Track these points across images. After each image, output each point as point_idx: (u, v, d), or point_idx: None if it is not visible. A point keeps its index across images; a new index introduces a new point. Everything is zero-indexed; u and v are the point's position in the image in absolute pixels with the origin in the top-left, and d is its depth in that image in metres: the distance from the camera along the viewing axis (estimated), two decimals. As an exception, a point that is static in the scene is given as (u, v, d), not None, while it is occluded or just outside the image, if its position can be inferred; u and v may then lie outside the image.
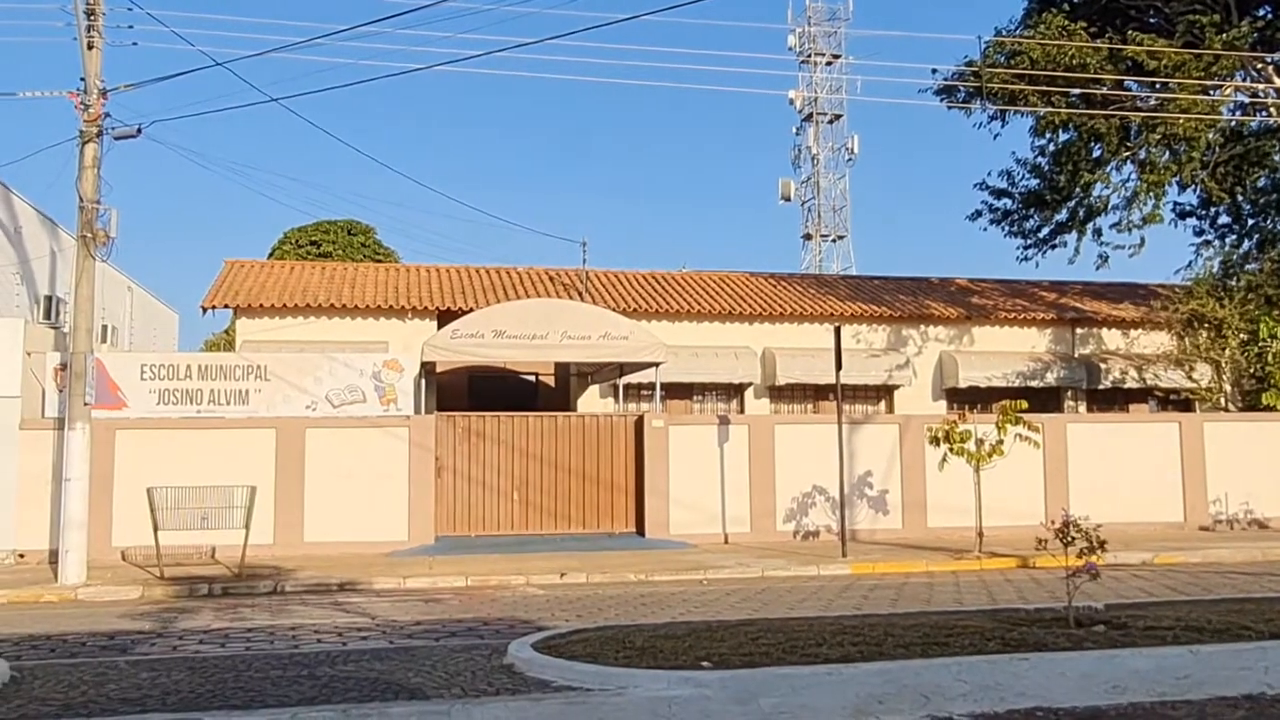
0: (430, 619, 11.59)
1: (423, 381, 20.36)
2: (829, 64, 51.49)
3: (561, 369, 25.72)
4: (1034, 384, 26.22)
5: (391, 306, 24.35)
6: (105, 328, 23.13)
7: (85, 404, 15.59)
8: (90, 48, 15.53)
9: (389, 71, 36.89)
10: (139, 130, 15.65)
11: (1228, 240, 26.12)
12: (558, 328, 19.63)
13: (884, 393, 26.68)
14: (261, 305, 23.93)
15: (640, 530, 19.56)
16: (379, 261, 37.64)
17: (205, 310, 24.36)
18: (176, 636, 10.59)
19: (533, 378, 26.52)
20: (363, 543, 18.18)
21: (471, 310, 22.01)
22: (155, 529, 15.57)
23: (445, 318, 23.07)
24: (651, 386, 21.71)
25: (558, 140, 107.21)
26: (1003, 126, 25.74)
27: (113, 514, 17.50)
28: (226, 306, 24.37)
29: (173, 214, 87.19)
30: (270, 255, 40.35)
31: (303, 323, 23.97)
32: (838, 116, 52.08)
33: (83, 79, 15.52)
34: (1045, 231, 26.59)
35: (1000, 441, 16.83)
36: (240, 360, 19.34)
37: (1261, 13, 23.63)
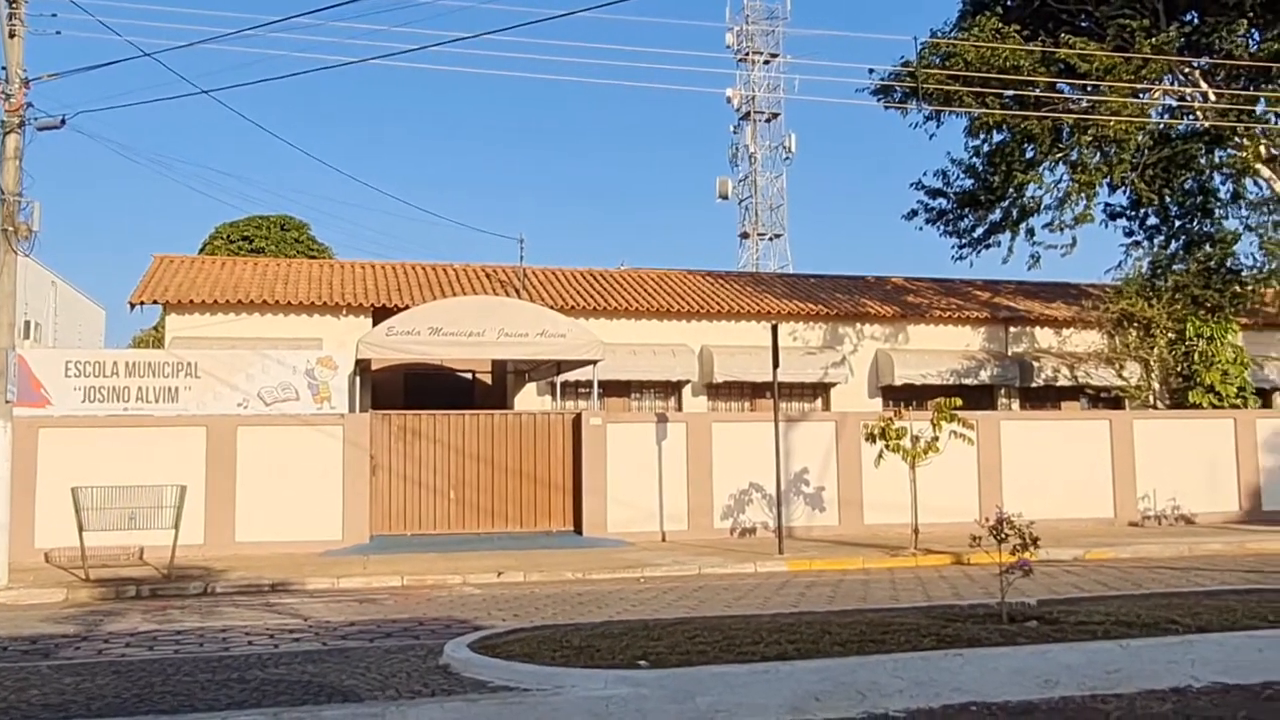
0: (365, 620, 11.43)
1: (357, 379, 20.13)
2: (767, 63, 51.75)
3: (499, 367, 25.56)
4: (968, 382, 26.54)
5: (326, 303, 24.02)
6: (28, 324, 22.61)
7: (6, 402, 15.16)
8: (11, 36, 15.12)
9: (321, 65, 36.37)
10: (63, 121, 15.27)
11: (1156, 241, 26.58)
12: (495, 325, 19.50)
13: (820, 390, 26.85)
14: (192, 301, 23.49)
15: (578, 529, 19.49)
16: (313, 257, 37.16)
17: (133, 306, 23.85)
18: (102, 640, 10.34)
19: (469, 375, 26.33)
20: (296, 542, 17.93)
21: (408, 307, 21.82)
22: (80, 530, 15.20)
23: (381, 315, 22.81)
24: (589, 384, 21.66)
25: (495, 137, 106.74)
26: (938, 127, 25.99)
27: (35, 515, 17.08)
28: (155, 302, 23.89)
29: (100, 208, 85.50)
30: (201, 251, 39.61)
31: (234, 319, 23.56)
32: (775, 115, 52.36)
33: (3, 68, 15.11)
34: (979, 231, 26.88)
35: (935, 439, 17.00)
36: (170, 357, 18.97)
37: (1189, 18, 24.09)
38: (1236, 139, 23.92)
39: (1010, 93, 23.71)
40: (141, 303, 23.79)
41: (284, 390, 18.74)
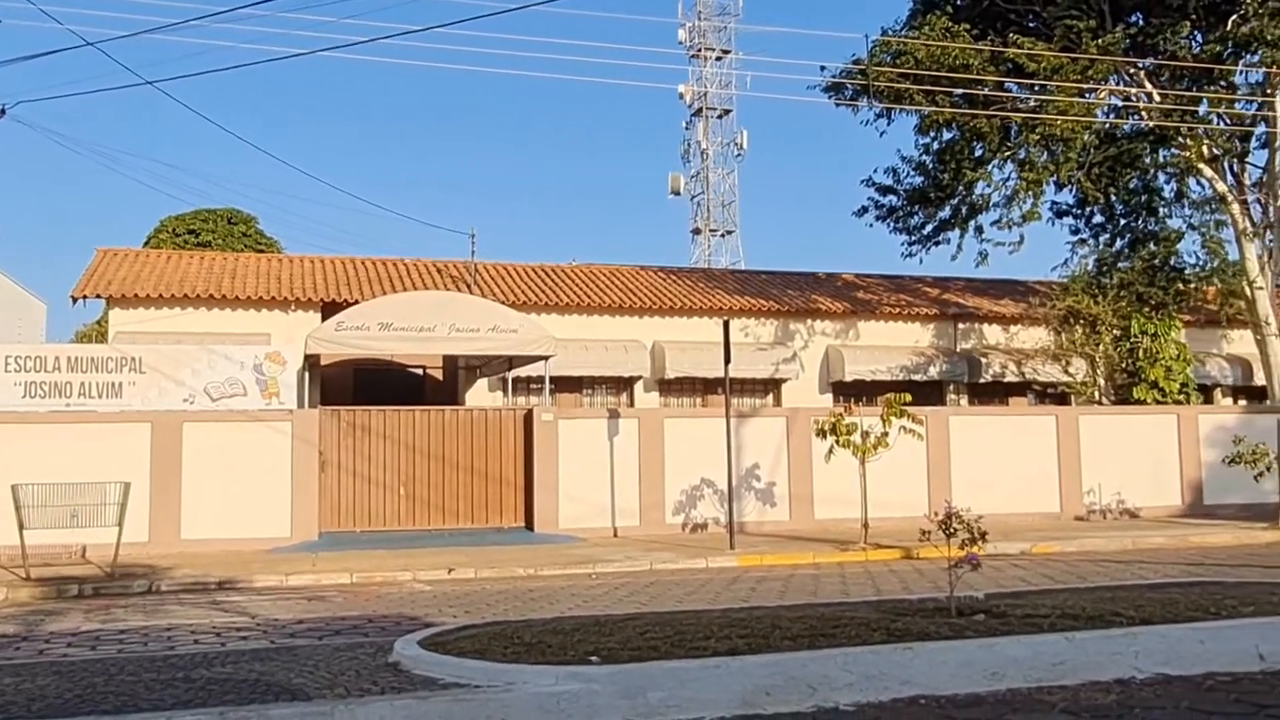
0: (313, 617, 11.31)
1: (306, 375, 19.93)
2: (719, 59, 51.87)
3: (449, 362, 25.42)
4: (917, 377, 26.78)
5: (274, 298, 23.77)
6: (-32, 318, 22.13)
7: (-55, 397, 14.86)
8: (-50, 24, 14.82)
9: (270, 57, 35.97)
10: (3, 110, 15.00)
11: (1102, 239, 26.99)
12: (446, 320, 19.37)
13: (772, 386, 26.97)
14: (136, 295, 23.14)
15: (529, 525, 19.43)
16: (261, 252, 36.73)
17: (76, 300, 23.48)
18: (43, 640, 10.15)
19: (420, 371, 26.17)
20: (243, 540, 17.71)
21: (357, 302, 21.64)
22: (20, 528, 14.88)
23: (330, 309, 22.61)
24: (541, 380, 21.60)
25: (446, 132, 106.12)
26: (889, 124, 26.24)
27: (-26, 513, 16.73)
28: (99, 296, 23.52)
29: (42, 201, 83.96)
30: (146, 245, 39.02)
31: (180, 314, 23.24)
32: (727, 111, 52.49)
33: (-59, 57, 14.81)
34: (929, 228, 27.14)
35: (885, 434, 17.13)
36: (113, 352, 18.67)
37: (1134, 19, 24.45)
38: (1180, 139, 24.32)
39: (960, 91, 23.94)
40: (84, 296, 23.41)
41: (231, 386, 18.51)
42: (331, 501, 18.82)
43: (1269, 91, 24.00)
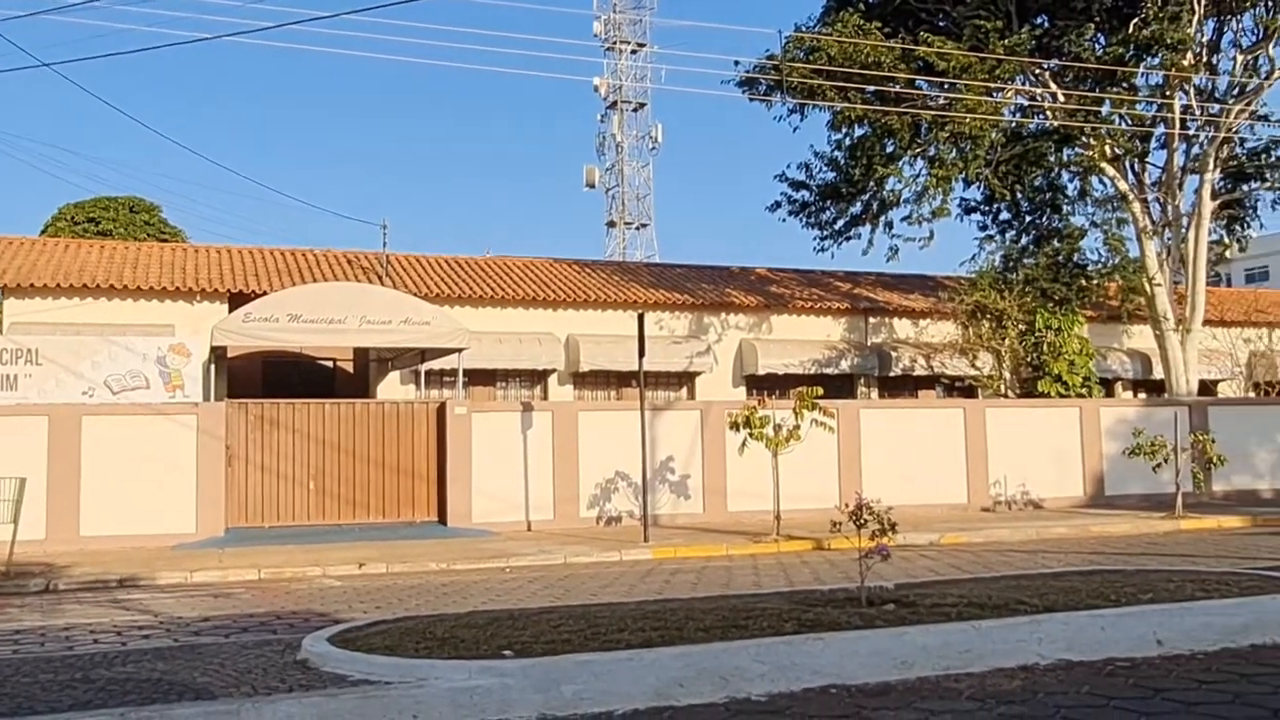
0: (219, 615, 11.07)
1: (212, 367, 19.49)
2: (634, 52, 51.94)
3: (361, 355, 25.07)
4: (829, 371, 27.09)
5: (179, 288, 23.21)
6: None
7: None
8: None
9: (172, 40, 35.13)
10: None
11: (1008, 235, 27.60)
12: (357, 312, 19.08)
13: (686, 379, 27.07)
14: (33, 285, 22.43)
15: (442, 519, 19.25)
16: (165, 241, 35.82)
17: (-32, 290, 22.66)
18: (-67, 641, 9.78)
19: (331, 364, 25.77)
20: (147, 536, 17.27)
21: (266, 293, 21.23)
22: (-90, 525, 14.36)
23: (237, 300, 22.14)
24: (454, 373, 21.40)
25: (357, 120, 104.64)
26: (802, 120, 26.47)
27: None
28: (-7, 286, 22.74)
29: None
30: (43, 233, 37.85)
31: (79, 304, 22.58)
32: (642, 105, 52.60)
33: None
34: (841, 223, 27.48)
35: (797, 427, 17.29)
36: (8, 343, 18.05)
37: (1040, 21, 24.99)
38: (1083, 139, 24.94)
39: (872, 88, 24.25)
40: (-23, 286, 22.62)
41: (133, 378, 18.02)
42: (239, 496, 18.45)
43: (1168, 94, 24.72)
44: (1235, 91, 25.05)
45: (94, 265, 24.34)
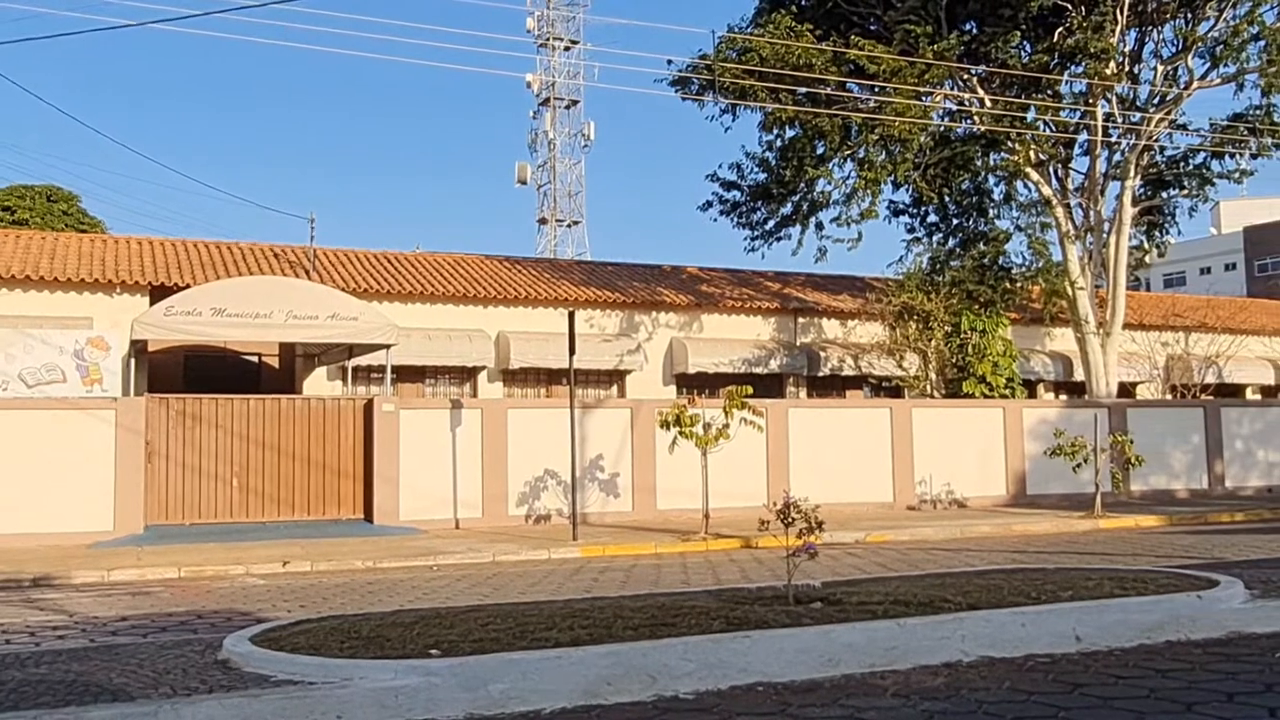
0: (138, 614, 10.83)
1: (132, 361, 19.10)
2: (567, 49, 51.84)
3: (286, 350, 24.70)
4: (759, 370, 27.26)
5: (98, 280, 22.66)
6: None
7: None
8: None
9: (95, 27, 34.23)
10: None
11: (935, 238, 27.96)
12: (283, 307, 18.80)
13: (616, 377, 27.06)
14: (-54, 275, 21.76)
15: (369, 517, 19.04)
16: (84, 232, 34.98)
17: (-123, 279, 21.92)
18: None
19: (256, 359, 25.35)
20: (63, 534, 16.85)
21: (189, 286, 20.83)
22: None
23: (159, 294, 21.68)
24: (382, 369, 21.18)
25: (284, 113, 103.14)
26: (734, 120, 26.57)
27: None
28: (-97, 275, 22.03)
29: None
30: (-43, 221, 36.81)
31: (-6, 295, 21.97)
32: (575, 102, 52.50)
33: None
34: (771, 223, 27.65)
35: (727, 426, 17.36)
36: (-81, 335, 17.53)
37: (968, 27, 25.36)
38: (1009, 144, 25.36)
39: (803, 90, 24.42)
40: (-113, 275, 21.89)
41: (49, 372, 17.58)
42: (159, 493, 18.08)
43: (1091, 101, 25.24)
44: (1156, 100, 25.64)
45: (9, 255, 23.68)
